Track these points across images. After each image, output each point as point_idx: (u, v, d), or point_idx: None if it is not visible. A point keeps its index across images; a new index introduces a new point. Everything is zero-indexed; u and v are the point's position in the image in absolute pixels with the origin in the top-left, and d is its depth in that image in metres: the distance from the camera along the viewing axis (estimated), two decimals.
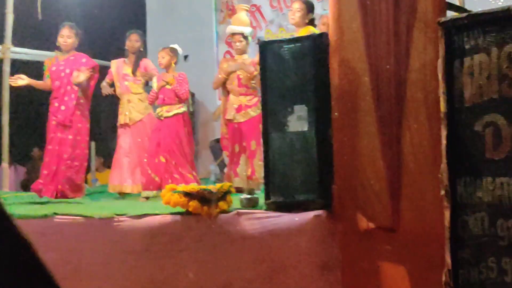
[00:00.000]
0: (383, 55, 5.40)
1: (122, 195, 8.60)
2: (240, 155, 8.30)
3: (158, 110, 8.30)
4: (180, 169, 8.03)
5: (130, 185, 8.57)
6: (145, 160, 8.29)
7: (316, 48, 5.76)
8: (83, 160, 8.19)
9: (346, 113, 5.59)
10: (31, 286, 1.05)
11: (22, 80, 8.31)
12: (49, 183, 7.84)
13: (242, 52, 8.39)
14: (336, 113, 5.58)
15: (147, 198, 8.00)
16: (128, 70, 8.81)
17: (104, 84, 8.85)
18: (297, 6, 7.59)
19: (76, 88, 8.05)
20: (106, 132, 9.52)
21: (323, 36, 5.81)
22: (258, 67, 7.53)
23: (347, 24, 5.58)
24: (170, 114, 8.18)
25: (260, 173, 8.04)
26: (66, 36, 8.23)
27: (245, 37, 8.37)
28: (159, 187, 7.86)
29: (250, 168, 8.17)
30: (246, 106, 8.28)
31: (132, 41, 8.91)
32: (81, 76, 7.95)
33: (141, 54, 9.01)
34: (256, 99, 8.25)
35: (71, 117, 7.97)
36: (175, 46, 8.45)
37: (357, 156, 5.53)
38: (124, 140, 8.73)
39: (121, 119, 8.77)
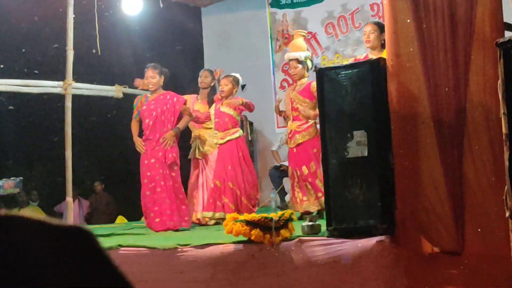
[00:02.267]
0: (442, 78, 5.38)
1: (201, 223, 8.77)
2: (307, 178, 8.27)
3: (215, 138, 8.40)
4: (236, 192, 8.07)
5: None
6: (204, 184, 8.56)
7: (373, 73, 5.76)
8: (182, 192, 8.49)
9: (406, 137, 5.56)
10: None
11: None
12: (162, 217, 8.02)
13: (300, 77, 8.40)
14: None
15: (209, 219, 8.15)
16: (199, 106, 9.01)
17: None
18: (369, 28, 7.56)
19: (169, 126, 8.27)
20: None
21: (380, 60, 5.82)
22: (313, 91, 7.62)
23: (404, 48, 5.57)
24: (224, 141, 8.27)
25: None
26: (150, 77, 8.45)
27: (301, 62, 8.38)
28: (220, 210, 7.99)
29: (315, 190, 8.13)
30: (295, 132, 8.29)
31: (202, 77, 9.15)
32: (169, 136, 8.20)
33: (213, 89, 9.19)
34: (306, 126, 8.24)
35: (170, 154, 8.21)
36: (237, 75, 8.54)
37: (419, 180, 5.50)
38: (196, 174, 8.91)
39: (193, 154, 8.95)
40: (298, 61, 8.35)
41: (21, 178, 9.23)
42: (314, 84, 8.09)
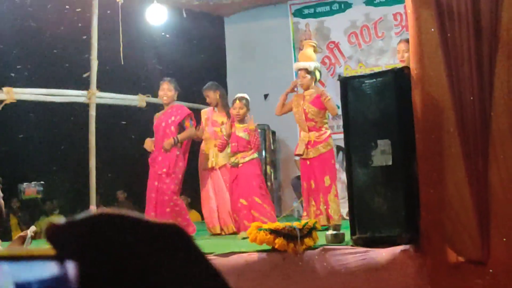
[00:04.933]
0: (466, 87, 5.37)
1: (214, 235, 8.82)
2: (318, 192, 8.29)
3: (233, 159, 8.37)
4: (261, 208, 8.08)
5: (219, 226, 8.81)
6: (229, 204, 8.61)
7: (397, 82, 5.76)
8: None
9: (430, 146, 5.55)
10: None
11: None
12: None
13: (307, 87, 8.41)
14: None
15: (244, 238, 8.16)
16: (217, 117, 9.04)
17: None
18: (403, 47, 7.50)
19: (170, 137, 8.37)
20: (189, 173, 9.67)
21: (404, 69, 5.81)
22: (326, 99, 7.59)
23: (428, 57, 5.57)
24: (246, 159, 8.27)
25: (334, 209, 8.04)
26: (167, 89, 8.52)
27: (309, 72, 8.39)
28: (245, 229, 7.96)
29: (325, 205, 8.16)
30: (316, 142, 8.28)
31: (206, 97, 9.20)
32: (166, 145, 8.31)
33: (224, 99, 9.19)
34: (326, 135, 8.26)
35: (170, 167, 8.28)
36: (246, 95, 8.53)
37: (443, 189, 5.48)
38: (210, 183, 8.95)
39: (208, 163, 8.97)
40: (307, 71, 8.36)
41: (42, 182, 9.32)
42: (323, 93, 8.13)
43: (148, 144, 8.59)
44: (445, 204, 5.46)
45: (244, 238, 7.55)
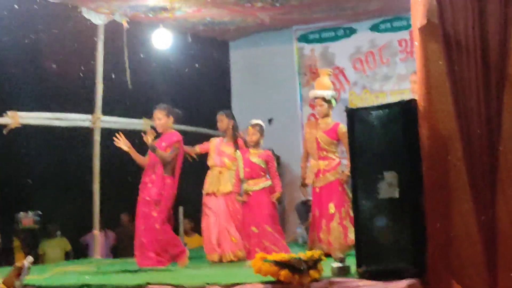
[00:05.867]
0: (474, 120, 5.35)
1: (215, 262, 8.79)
2: (321, 219, 8.28)
3: (245, 185, 8.37)
4: (271, 237, 8.05)
5: (217, 254, 8.79)
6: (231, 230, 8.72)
7: (404, 113, 5.74)
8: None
9: (437, 179, 5.53)
10: None
11: (125, 145, 8.46)
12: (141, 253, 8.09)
13: (324, 115, 8.41)
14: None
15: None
16: (225, 148, 9.03)
17: (190, 148, 9.08)
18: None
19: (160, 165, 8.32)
20: (194, 198, 9.66)
21: (411, 101, 5.80)
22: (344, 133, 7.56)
23: (435, 89, 5.56)
24: (258, 187, 8.25)
25: (335, 236, 8.00)
26: (157, 118, 8.50)
27: (327, 101, 8.40)
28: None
29: (327, 233, 8.15)
30: (325, 171, 8.29)
31: (218, 121, 9.17)
32: (147, 139, 8.17)
33: (234, 129, 9.18)
34: (335, 163, 8.25)
35: (158, 195, 8.24)
36: (260, 122, 8.52)
37: (450, 222, 5.45)
38: (212, 209, 8.95)
39: (209, 188, 8.98)
40: (324, 99, 8.36)
41: (40, 212, 9.28)
42: (341, 127, 8.11)
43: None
44: (452, 238, 5.43)
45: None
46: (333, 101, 8.51)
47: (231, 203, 8.88)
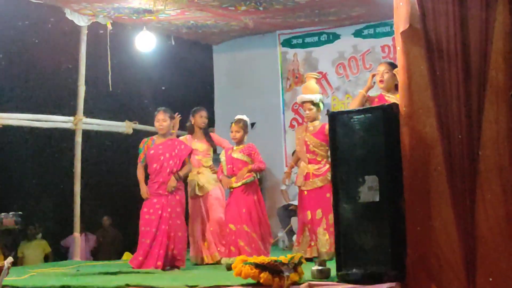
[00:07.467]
0: (455, 125, 5.38)
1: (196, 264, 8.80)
2: (309, 223, 8.28)
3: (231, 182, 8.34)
4: (247, 238, 8.02)
5: (200, 256, 8.82)
6: (211, 229, 8.72)
7: (386, 118, 5.75)
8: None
9: (418, 183, 5.55)
10: None
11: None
12: (150, 257, 8.13)
13: (313, 119, 8.41)
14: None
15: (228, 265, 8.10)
16: (197, 145, 9.03)
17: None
18: (383, 68, 7.46)
19: (174, 170, 8.35)
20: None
21: (393, 106, 5.82)
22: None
23: (417, 95, 5.58)
24: (238, 184, 8.21)
25: (322, 242, 8.02)
26: (162, 119, 8.46)
27: (315, 104, 8.40)
28: (235, 255, 7.88)
29: (314, 237, 8.15)
30: (314, 175, 8.29)
31: (203, 117, 9.17)
32: (170, 187, 8.28)
33: (206, 128, 9.26)
34: (325, 169, 8.23)
35: (174, 199, 8.35)
36: (244, 117, 8.49)
37: (430, 227, 5.47)
38: (196, 211, 8.95)
39: (192, 191, 8.96)
40: (313, 103, 8.37)
41: (21, 213, 9.23)
42: (327, 127, 8.10)
43: (145, 191, 8.50)
44: (432, 242, 5.45)
45: (228, 265, 7.51)
46: (321, 105, 8.52)
47: (211, 202, 8.91)
